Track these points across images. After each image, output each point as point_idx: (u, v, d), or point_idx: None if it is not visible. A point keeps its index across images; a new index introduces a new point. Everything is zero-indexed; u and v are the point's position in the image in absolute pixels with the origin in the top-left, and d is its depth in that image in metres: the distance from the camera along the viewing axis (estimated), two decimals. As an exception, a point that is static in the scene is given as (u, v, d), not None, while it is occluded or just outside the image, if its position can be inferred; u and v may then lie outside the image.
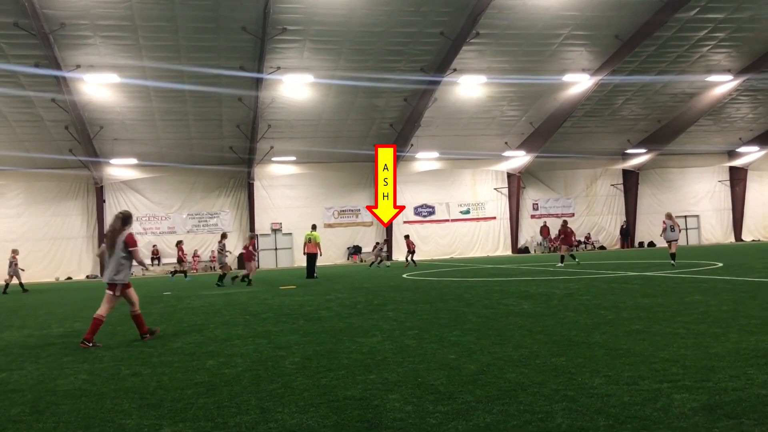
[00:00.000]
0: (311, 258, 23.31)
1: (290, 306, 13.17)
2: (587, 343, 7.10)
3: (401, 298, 13.58)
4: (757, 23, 30.06)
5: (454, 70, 30.33)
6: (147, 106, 31.52)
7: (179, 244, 29.39)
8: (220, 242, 22.98)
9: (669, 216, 21.94)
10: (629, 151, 41.84)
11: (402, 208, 41.81)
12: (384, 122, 35.73)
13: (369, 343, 7.89)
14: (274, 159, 37.29)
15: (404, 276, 22.09)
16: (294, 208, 38.89)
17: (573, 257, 26.11)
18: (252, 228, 37.64)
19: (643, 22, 28.90)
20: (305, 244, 23.38)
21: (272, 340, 8.52)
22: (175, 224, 37.87)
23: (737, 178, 45.51)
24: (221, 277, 22.10)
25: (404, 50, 29.48)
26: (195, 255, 37.61)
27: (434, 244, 41.07)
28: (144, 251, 37.33)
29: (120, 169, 36.45)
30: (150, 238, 37.50)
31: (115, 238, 9.00)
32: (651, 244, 43.84)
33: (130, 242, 9.02)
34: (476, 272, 22.94)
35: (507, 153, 40.01)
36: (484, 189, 42.41)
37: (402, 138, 36.39)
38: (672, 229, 21.46)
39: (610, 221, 44.36)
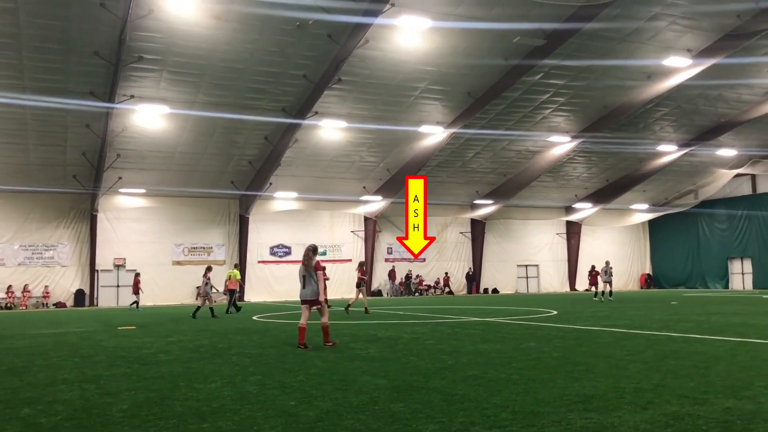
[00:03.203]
0: (231, 293, 25.26)
1: (127, 348, 12.40)
2: (426, 389, 7.26)
3: (248, 342, 13.23)
4: (591, 92, 33.09)
5: (316, 113, 30.62)
6: (-20, 126, 28.94)
7: (137, 276, 31.18)
8: (205, 275, 23.39)
9: (606, 263, 29.83)
10: (477, 201, 44.04)
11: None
12: (243, 159, 35.20)
13: (207, 389, 7.57)
14: (121, 190, 35.41)
15: (254, 318, 21.60)
16: (141, 243, 36.99)
17: (595, 295, 31.26)
18: (93, 262, 35.39)
19: (494, 82, 30.86)
20: (226, 281, 25.42)
21: (101, 386, 7.94)
22: (5, 256, 34.64)
23: (573, 232, 49.27)
24: (197, 309, 22.90)
25: (266, 89, 29.39)
26: (25, 290, 34.52)
27: (290, 285, 40.57)
28: None
29: (-58, 192, 32.99)
30: (-27, 270, 34.04)
31: (308, 265, 11.47)
32: (495, 290, 46.06)
33: (317, 267, 11.50)
34: (329, 315, 22.86)
35: (365, 197, 40.73)
36: (341, 231, 42.75)
37: (260, 176, 35.99)
38: (605, 273, 29.20)
39: (459, 267, 46.21)
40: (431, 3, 24.48)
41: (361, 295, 23.21)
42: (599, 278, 30.49)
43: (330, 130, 33.32)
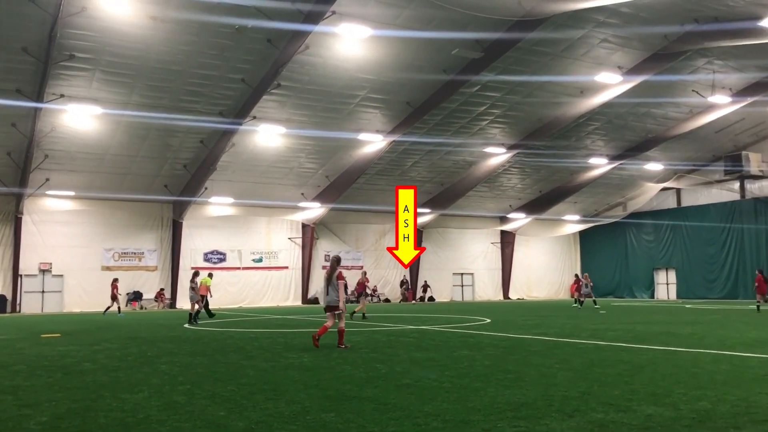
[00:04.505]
0: (202, 299, 24.83)
1: (50, 357, 11.91)
2: (359, 398, 7.23)
3: (178, 350, 12.91)
4: (526, 105, 33.89)
5: (254, 117, 30.26)
6: None
7: (115, 281, 30.32)
8: (192, 280, 23.15)
9: (586, 276, 31.71)
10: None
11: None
12: (177, 163, 34.43)
13: (133, 399, 7.34)
14: (49, 192, 34.04)
15: (185, 326, 21.12)
16: (68, 248, 35.66)
17: (579, 303, 32.17)
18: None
19: (432, 93, 31.21)
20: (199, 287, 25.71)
21: (19, 397, 7.59)
22: None
23: (507, 241, 50.25)
24: (196, 315, 22.62)
25: (203, 92, 28.87)
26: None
27: (223, 292, 39.84)
28: None
29: None
30: None
31: (331, 275, 12.58)
32: (431, 298, 46.47)
33: (340, 277, 12.58)
34: (264, 323, 22.62)
35: (303, 204, 40.47)
36: (278, 238, 42.32)
37: (195, 180, 35.28)
38: (586, 286, 31.02)
39: (396, 275, 46.42)
40: (372, 12, 24.60)
41: (362, 303, 24.66)
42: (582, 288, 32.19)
43: (268, 136, 32.99)
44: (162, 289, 38.13)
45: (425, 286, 46.37)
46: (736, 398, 6.98)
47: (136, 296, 37.22)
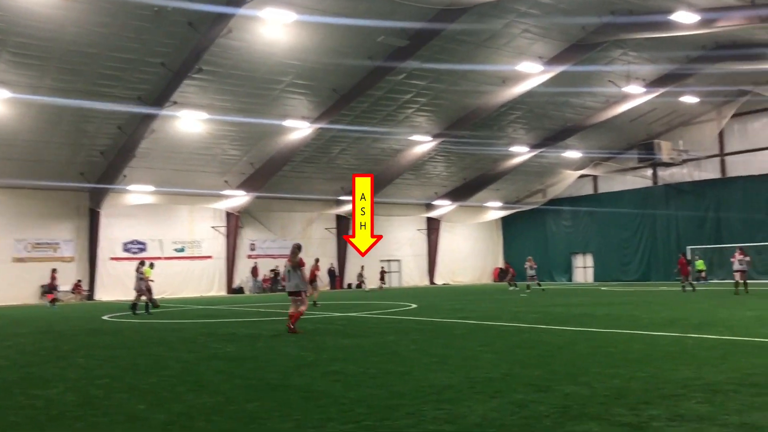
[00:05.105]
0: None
1: (-45, 354, 11.27)
2: (284, 386, 7.19)
3: (97, 343, 12.47)
4: (451, 94, 34.32)
5: (174, 103, 29.38)
6: None
7: (54, 272, 30.68)
8: (138, 270, 22.64)
9: (530, 260, 33.72)
10: (342, 197, 44.33)
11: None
12: (94, 150, 33.08)
13: (47, 395, 7.05)
14: (-47, 181, 32.15)
15: (104, 318, 20.44)
16: (-25, 239, 33.79)
17: (514, 285, 35.04)
18: None
19: (358, 80, 31.14)
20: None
21: None
22: None
23: (432, 228, 50.93)
24: (147, 305, 22.32)
25: (121, 76, 27.79)
26: None
27: (144, 282, 38.73)
28: None
29: None
30: None
31: (295, 262, 13.29)
32: (358, 285, 46.60)
33: (301, 264, 13.38)
34: (187, 313, 22.14)
35: (227, 192, 39.69)
36: (201, 227, 41.37)
37: (114, 168, 34.00)
38: (531, 269, 32.92)
39: (323, 263, 46.20)
40: (296, -4, 24.27)
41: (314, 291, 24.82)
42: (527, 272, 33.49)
43: (189, 121, 32.13)
44: (79, 281, 36.69)
45: (383, 272, 45.69)
46: (647, 375, 7.33)
47: (51, 289, 35.62)
